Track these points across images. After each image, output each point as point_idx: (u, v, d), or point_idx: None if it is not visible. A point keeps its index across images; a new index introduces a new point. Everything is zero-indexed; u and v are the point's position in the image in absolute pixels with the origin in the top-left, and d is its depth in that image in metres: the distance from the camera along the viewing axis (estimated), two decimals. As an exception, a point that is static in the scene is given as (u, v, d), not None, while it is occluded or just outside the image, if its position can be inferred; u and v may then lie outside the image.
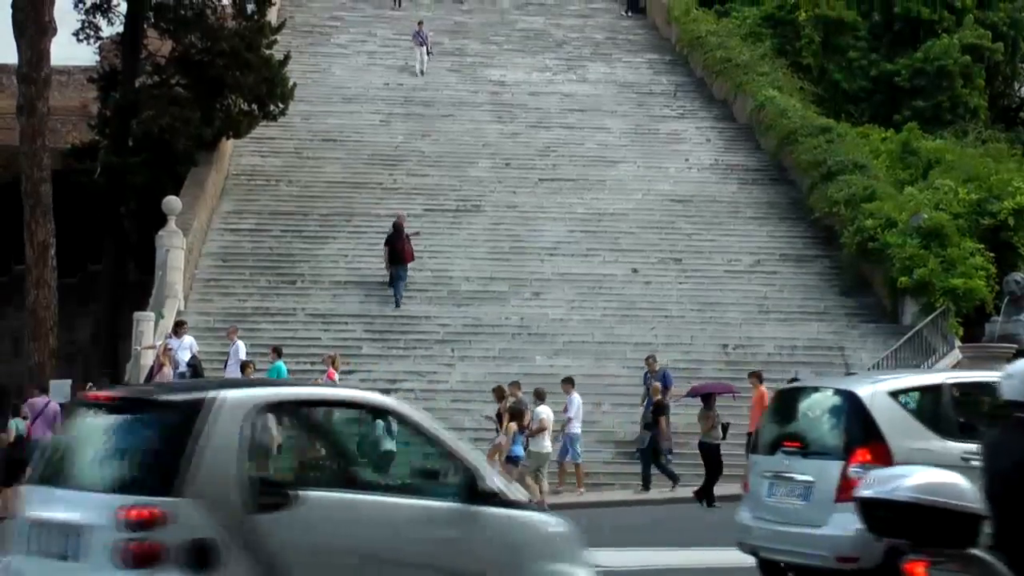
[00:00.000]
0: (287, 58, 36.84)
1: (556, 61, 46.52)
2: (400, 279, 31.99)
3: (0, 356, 35.72)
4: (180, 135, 34.04)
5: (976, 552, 6.10)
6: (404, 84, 44.02)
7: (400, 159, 38.82)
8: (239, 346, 27.71)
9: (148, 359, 27.78)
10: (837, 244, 34.75)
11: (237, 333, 28.37)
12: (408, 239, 32.26)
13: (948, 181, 36.01)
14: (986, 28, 47.53)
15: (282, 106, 36.20)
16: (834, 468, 11.79)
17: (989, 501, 6.17)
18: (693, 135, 41.56)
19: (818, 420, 12.86)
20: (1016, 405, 6.49)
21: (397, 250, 31.93)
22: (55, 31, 33.21)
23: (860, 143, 39.25)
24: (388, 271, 32.20)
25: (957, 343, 30.63)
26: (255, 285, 32.75)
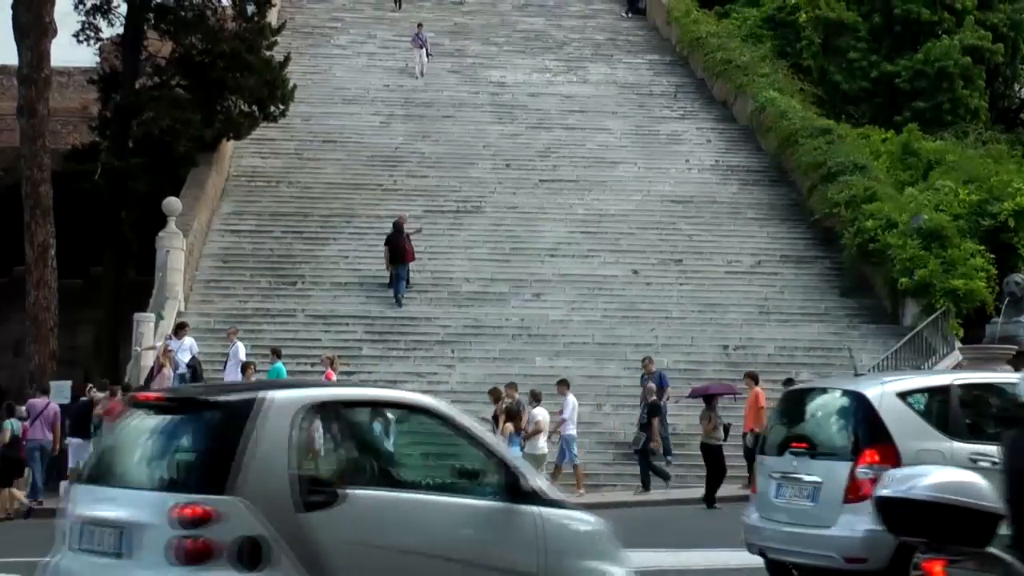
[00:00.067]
0: (287, 59, 36.84)
1: (556, 62, 46.50)
2: (401, 278, 31.99)
3: (1, 358, 35.67)
4: (181, 136, 34.04)
5: (994, 551, 6.09)
6: (404, 85, 44.01)
7: (400, 160, 38.81)
8: (239, 347, 27.71)
9: (148, 360, 27.78)
10: (837, 245, 34.75)
11: (237, 334, 28.36)
12: (408, 238, 32.25)
13: (948, 182, 36.02)
14: (986, 29, 47.50)
15: (282, 107, 36.20)
16: (842, 469, 11.81)
17: (1008, 501, 6.16)
18: (693, 136, 41.55)
19: (826, 421, 12.89)
20: None
21: (398, 249, 31.92)
22: (55, 32, 33.18)
23: (860, 144, 39.24)
24: (389, 271, 32.22)
25: (958, 344, 30.64)
26: (255, 286, 32.74)
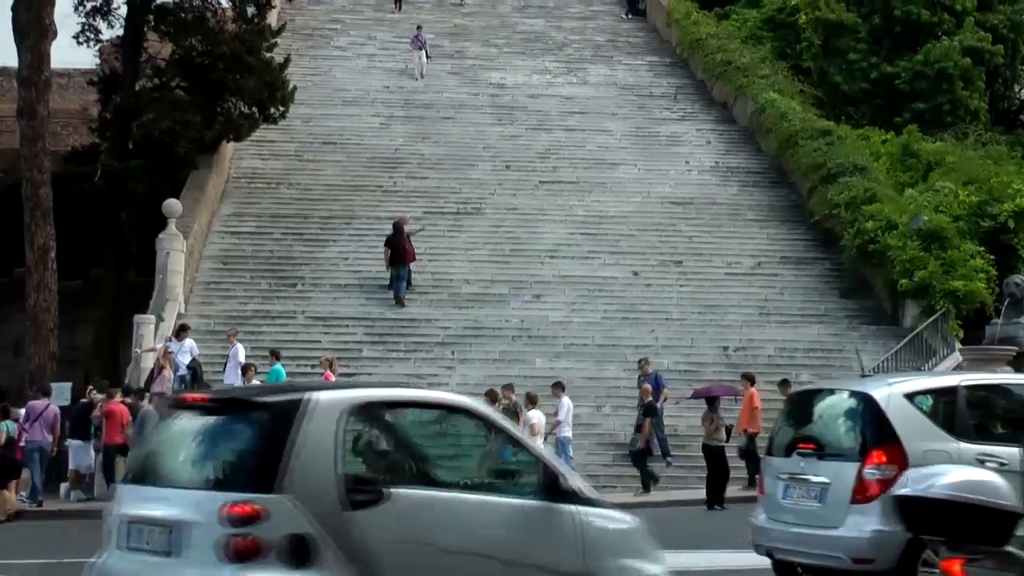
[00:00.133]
0: (287, 61, 36.84)
1: (556, 64, 46.50)
2: (402, 279, 31.99)
3: (0, 358, 35.68)
4: (180, 138, 34.03)
5: (1012, 550, 6.10)
6: (404, 87, 44.01)
7: (400, 162, 38.81)
8: (238, 348, 27.74)
9: (148, 362, 27.81)
10: (837, 246, 34.74)
11: (237, 336, 28.38)
12: (409, 239, 32.24)
13: (948, 184, 36.01)
14: (986, 31, 47.48)
15: (282, 109, 36.20)
16: (850, 470, 11.85)
17: None
18: (693, 138, 41.55)
19: (833, 422, 12.91)
20: None
21: (398, 250, 31.91)
22: (55, 34, 33.17)
23: (860, 146, 39.23)
24: (389, 272, 32.21)
25: (958, 345, 30.64)
26: (256, 288, 32.75)
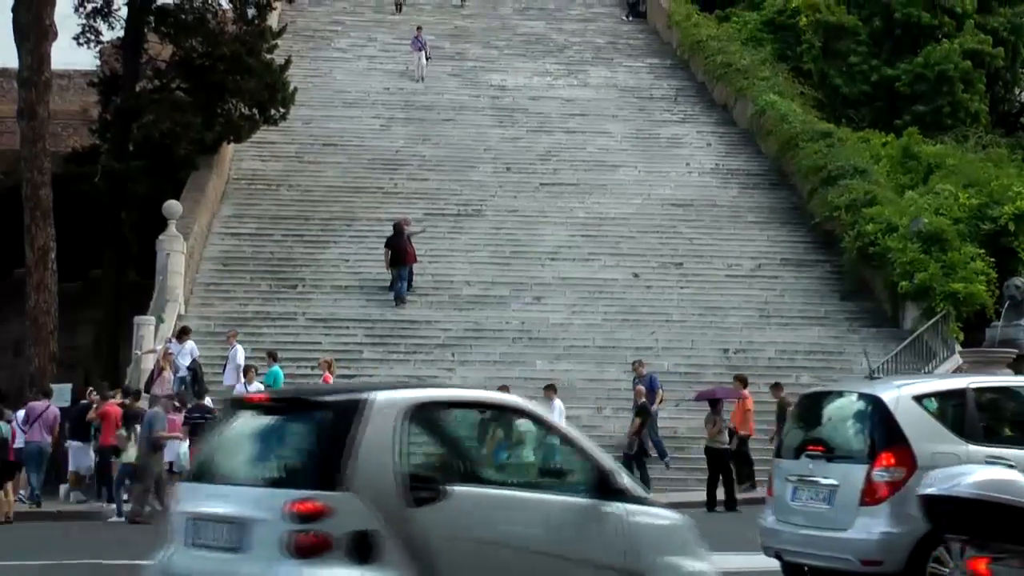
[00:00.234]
0: (288, 63, 36.85)
1: (557, 65, 46.49)
2: (402, 279, 32.00)
3: (1, 360, 35.66)
4: (181, 139, 34.05)
5: None
6: (405, 88, 44.01)
7: (401, 163, 38.81)
8: (238, 350, 27.78)
9: (148, 363, 27.81)
10: (838, 249, 34.74)
11: (237, 337, 28.41)
12: (410, 240, 32.25)
13: (948, 186, 36.03)
14: (987, 33, 47.51)
15: (283, 110, 36.21)
16: (858, 472, 11.86)
17: None
18: (694, 139, 41.55)
19: (842, 424, 12.91)
20: None
21: (399, 251, 31.92)
22: (56, 35, 33.16)
23: (861, 148, 39.23)
24: (391, 273, 32.20)
25: (958, 348, 30.64)
26: (256, 289, 32.76)
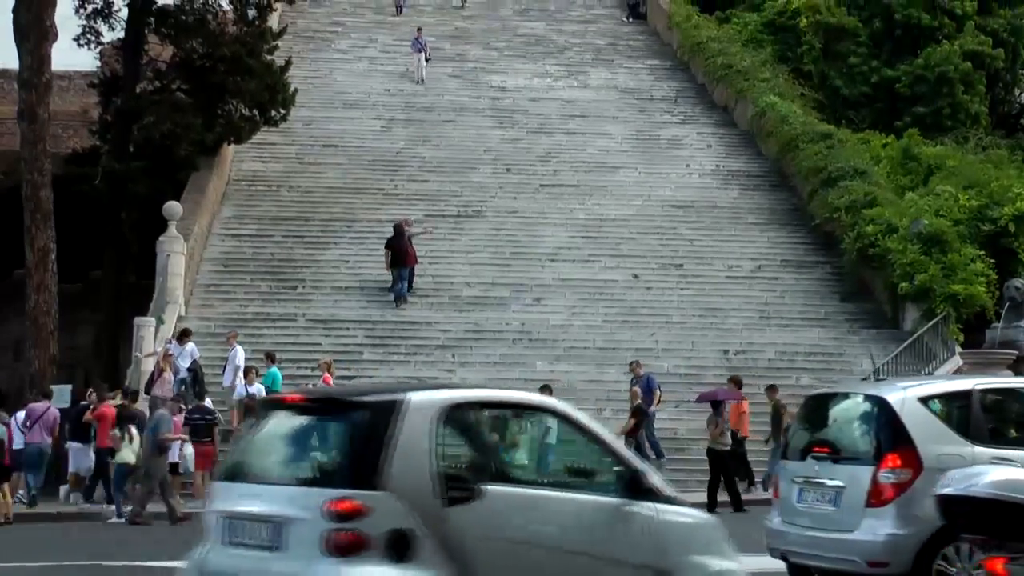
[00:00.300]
0: (288, 64, 36.85)
1: (557, 67, 46.50)
2: (403, 280, 32.01)
3: (0, 361, 35.67)
4: (181, 141, 34.05)
5: None
6: (405, 89, 44.02)
7: (401, 164, 38.82)
8: (237, 351, 27.78)
9: (148, 365, 27.80)
10: (838, 250, 34.75)
11: (237, 338, 28.41)
12: (410, 241, 32.26)
13: (949, 187, 36.04)
14: (987, 35, 47.52)
15: (283, 112, 36.21)
16: (864, 473, 11.88)
17: None
18: (694, 141, 41.56)
19: (848, 426, 12.93)
20: None
21: (399, 252, 31.92)
22: (56, 36, 33.14)
23: (861, 149, 39.25)
24: (391, 274, 32.21)
25: (958, 349, 30.66)
26: (256, 291, 32.76)
